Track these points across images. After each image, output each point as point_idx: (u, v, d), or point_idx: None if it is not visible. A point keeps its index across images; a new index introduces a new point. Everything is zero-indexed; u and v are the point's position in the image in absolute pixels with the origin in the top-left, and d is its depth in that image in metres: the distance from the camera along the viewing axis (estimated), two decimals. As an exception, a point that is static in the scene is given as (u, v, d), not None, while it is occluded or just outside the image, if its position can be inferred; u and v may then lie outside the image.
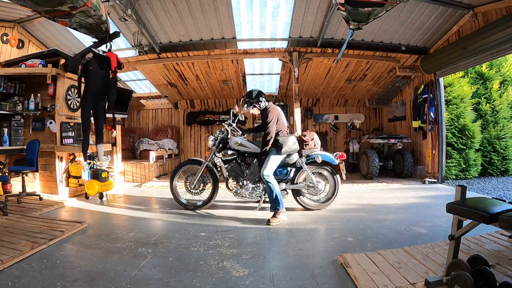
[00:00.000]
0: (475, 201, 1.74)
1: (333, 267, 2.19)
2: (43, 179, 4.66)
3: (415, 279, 1.92)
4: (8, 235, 2.71)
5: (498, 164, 6.82)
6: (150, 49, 5.71)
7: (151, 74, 6.65)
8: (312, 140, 3.80)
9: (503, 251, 2.27)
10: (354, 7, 3.05)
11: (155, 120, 8.48)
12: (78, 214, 3.80)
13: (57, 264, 2.26)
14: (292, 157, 3.68)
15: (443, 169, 5.82)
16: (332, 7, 4.49)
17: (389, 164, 6.44)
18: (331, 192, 3.83)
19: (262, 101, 3.66)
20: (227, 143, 3.83)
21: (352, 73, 6.58)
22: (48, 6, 2.74)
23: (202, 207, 3.89)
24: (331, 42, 5.58)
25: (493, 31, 4.14)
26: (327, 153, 3.82)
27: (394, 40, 5.53)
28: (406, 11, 4.66)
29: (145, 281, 2.00)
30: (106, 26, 3.64)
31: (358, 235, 2.88)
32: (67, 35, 5.48)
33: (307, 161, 3.73)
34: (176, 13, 4.89)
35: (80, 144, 4.60)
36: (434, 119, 5.80)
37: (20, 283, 1.96)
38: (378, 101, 7.76)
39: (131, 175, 6.42)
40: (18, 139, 4.60)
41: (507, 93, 7.09)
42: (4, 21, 5.08)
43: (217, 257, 2.38)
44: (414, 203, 4.21)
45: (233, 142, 3.79)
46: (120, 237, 2.89)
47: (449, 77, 6.23)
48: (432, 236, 2.80)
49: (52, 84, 4.49)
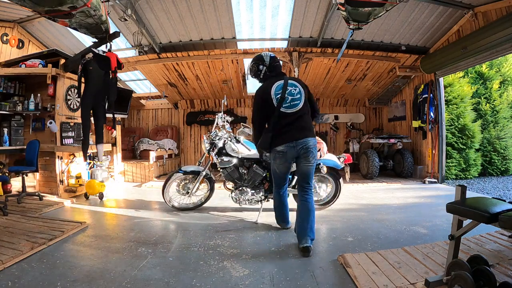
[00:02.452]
0: (475, 201, 1.74)
1: (333, 267, 2.19)
2: (43, 179, 4.66)
3: (415, 279, 1.92)
4: (8, 235, 2.71)
5: (498, 164, 6.82)
6: (150, 49, 5.71)
7: (151, 74, 6.65)
8: (318, 151, 3.49)
9: (503, 251, 2.27)
10: (354, 7, 3.04)
11: (155, 120, 8.47)
12: (78, 214, 3.80)
13: (57, 264, 2.26)
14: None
15: (443, 169, 5.82)
16: (332, 7, 4.49)
17: (389, 164, 6.43)
18: (332, 195, 3.80)
19: (262, 71, 2.83)
20: (224, 148, 3.62)
21: (352, 73, 6.57)
22: (48, 6, 2.73)
23: (197, 207, 3.87)
24: (331, 42, 5.58)
25: (493, 31, 4.14)
26: (331, 157, 3.70)
27: (394, 40, 5.53)
28: (406, 11, 4.65)
29: (145, 281, 2.00)
30: (106, 26, 3.63)
31: (358, 235, 2.88)
32: (67, 35, 5.47)
33: None
34: (176, 13, 4.88)
35: (80, 144, 4.60)
36: (434, 119, 5.80)
37: (20, 283, 1.96)
38: (378, 101, 7.75)
39: (131, 175, 6.42)
40: (18, 139, 4.60)
41: (507, 93, 7.09)
42: (4, 21, 5.08)
43: (217, 257, 2.38)
44: (414, 203, 4.20)
45: (230, 149, 3.59)
46: (120, 237, 2.89)
47: (449, 77, 6.23)
48: (432, 236, 2.80)
49: (52, 84, 4.49)
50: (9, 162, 4.70)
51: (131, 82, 7.59)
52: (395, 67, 6.14)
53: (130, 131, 7.96)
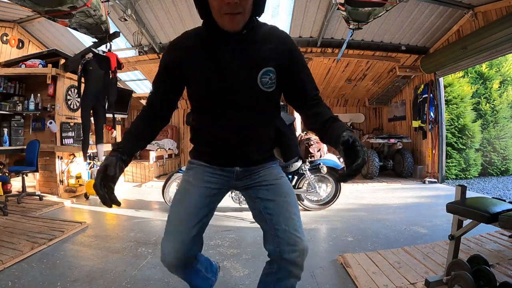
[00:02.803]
0: (475, 201, 1.74)
1: (333, 267, 2.19)
2: (43, 179, 4.66)
3: (415, 279, 1.92)
4: (8, 235, 2.71)
5: (498, 164, 6.81)
6: (150, 49, 5.71)
7: (151, 74, 6.64)
8: (319, 151, 3.56)
9: (503, 251, 2.27)
10: (354, 7, 3.05)
11: (155, 120, 8.46)
12: (78, 214, 3.80)
13: (57, 264, 2.26)
14: (294, 165, 3.47)
15: (443, 169, 5.82)
16: (332, 7, 4.49)
17: (389, 164, 6.43)
18: (332, 195, 3.80)
19: None
20: None
21: (352, 73, 6.57)
22: (48, 6, 2.74)
23: None
24: (331, 42, 5.57)
25: (493, 31, 4.13)
26: (331, 157, 3.70)
27: (394, 40, 5.53)
28: (406, 11, 4.65)
29: (145, 281, 2.00)
30: (106, 26, 3.64)
31: (358, 235, 2.88)
32: (67, 35, 5.47)
33: (311, 167, 3.62)
34: (176, 13, 4.88)
35: (80, 144, 4.60)
36: (434, 119, 5.80)
37: (20, 283, 1.96)
38: (378, 101, 7.75)
39: (131, 175, 6.42)
40: (18, 139, 4.59)
41: (507, 93, 7.08)
42: (4, 21, 5.08)
43: (217, 257, 2.38)
44: (414, 203, 4.20)
45: None
46: (120, 237, 2.89)
47: (449, 77, 6.23)
48: (432, 236, 2.80)
49: (52, 84, 4.49)
50: (9, 162, 4.69)
51: (131, 82, 7.58)
52: (395, 67, 6.14)
53: (130, 131, 7.95)
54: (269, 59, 1.09)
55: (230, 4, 0.97)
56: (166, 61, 1.15)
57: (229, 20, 1.01)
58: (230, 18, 1.00)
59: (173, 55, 1.14)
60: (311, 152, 3.61)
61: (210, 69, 1.08)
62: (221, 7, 0.98)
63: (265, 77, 1.09)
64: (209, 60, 1.09)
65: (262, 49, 1.09)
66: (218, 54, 1.08)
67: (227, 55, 1.07)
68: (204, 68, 1.09)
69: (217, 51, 1.08)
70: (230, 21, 1.01)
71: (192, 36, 1.13)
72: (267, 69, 1.09)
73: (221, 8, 0.99)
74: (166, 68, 1.15)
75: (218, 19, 1.03)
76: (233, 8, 0.98)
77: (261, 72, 1.08)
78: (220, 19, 1.02)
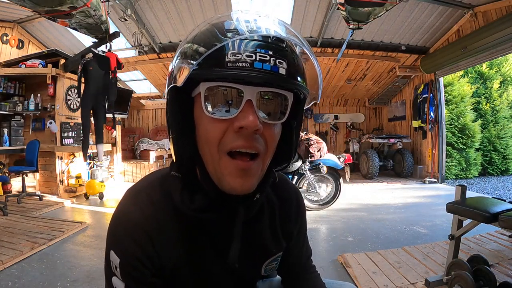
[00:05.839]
0: (475, 201, 1.74)
1: (333, 267, 2.19)
2: (43, 179, 4.66)
3: (415, 278, 1.92)
4: (8, 235, 2.71)
5: (498, 164, 6.81)
6: (150, 49, 5.70)
7: (151, 74, 6.64)
8: (319, 151, 3.56)
9: (503, 251, 2.27)
10: (354, 7, 3.04)
11: (155, 120, 8.46)
12: (78, 214, 3.80)
13: (57, 264, 2.26)
14: (294, 165, 3.49)
15: (443, 169, 5.82)
16: (332, 7, 4.48)
17: (389, 164, 6.43)
18: (332, 195, 3.80)
19: None
20: None
21: (352, 73, 6.57)
22: (48, 6, 2.73)
23: None
24: (331, 42, 5.57)
25: (493, 31, 4.13)
26: (331, 157, 3.70)
27: (394, 40, 5.52)
28: (406, 11, 4.65)
29: (145, 281, 1.99)
30: (106, 26, 3.64)
31: (358, 235, 2.88)
32: (67, 35, 5.47)
33: (311, 167, 3.62)
34: (176, 13, 4.88)
35: (80, 144, 4.60)
36: (434, 118, 5.80)
37: (20, 283, 1.96)
38: (378, 101, 7.75)
39: (131, 175, 6.42)
40: (18, 139, 4.59)
41: (507, 93, 7.09)
42: (4, 21, 5.08)
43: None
44: (414, 203, 4.20)
45: None
46: (120, 237, 2.88)
47: (449, 76, 6.23)
48: (432, 236, 2.80)
49: (52, 84, 4.49)
50: (9, 162, 4.69)
51: (131, 82, 7.58)
52: (395, 67, 6.13)
53: (130, 131, 7.95)
54: (281, 240, 0.70)
55: (248, 135, 0.49)
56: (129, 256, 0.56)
57: (239, 172, 0.51)
58: (243, 167, 0.51)
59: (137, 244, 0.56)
60: (311, 152, 3.61)
61: (199, 267, 0.61)
62: (232, 140, 0.49)
63: (271, 264, 0.71)
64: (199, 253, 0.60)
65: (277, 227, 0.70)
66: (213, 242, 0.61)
67: (228, 242, 0.58)
68: (192, 266, 0.60)
69: (212, 237, 0.61)
70: (242, 173, 0.51)
71: (162, 208, 0.58)
72: (278, 255, 0.71)
73: (231, 142, 0.50)
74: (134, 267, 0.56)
75: (218, 169, 0.52)
76: (250, 143, 0.50)
77: (268, 260, 0.69)
78: (222, 169, 0.51)
